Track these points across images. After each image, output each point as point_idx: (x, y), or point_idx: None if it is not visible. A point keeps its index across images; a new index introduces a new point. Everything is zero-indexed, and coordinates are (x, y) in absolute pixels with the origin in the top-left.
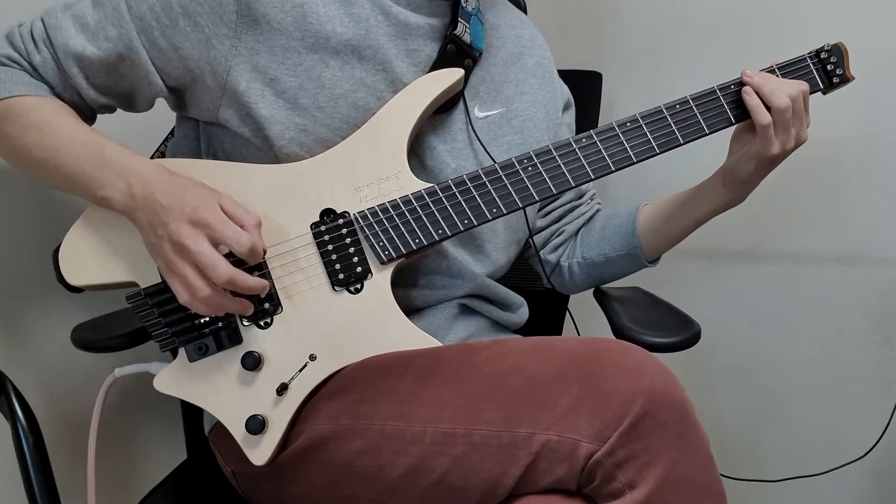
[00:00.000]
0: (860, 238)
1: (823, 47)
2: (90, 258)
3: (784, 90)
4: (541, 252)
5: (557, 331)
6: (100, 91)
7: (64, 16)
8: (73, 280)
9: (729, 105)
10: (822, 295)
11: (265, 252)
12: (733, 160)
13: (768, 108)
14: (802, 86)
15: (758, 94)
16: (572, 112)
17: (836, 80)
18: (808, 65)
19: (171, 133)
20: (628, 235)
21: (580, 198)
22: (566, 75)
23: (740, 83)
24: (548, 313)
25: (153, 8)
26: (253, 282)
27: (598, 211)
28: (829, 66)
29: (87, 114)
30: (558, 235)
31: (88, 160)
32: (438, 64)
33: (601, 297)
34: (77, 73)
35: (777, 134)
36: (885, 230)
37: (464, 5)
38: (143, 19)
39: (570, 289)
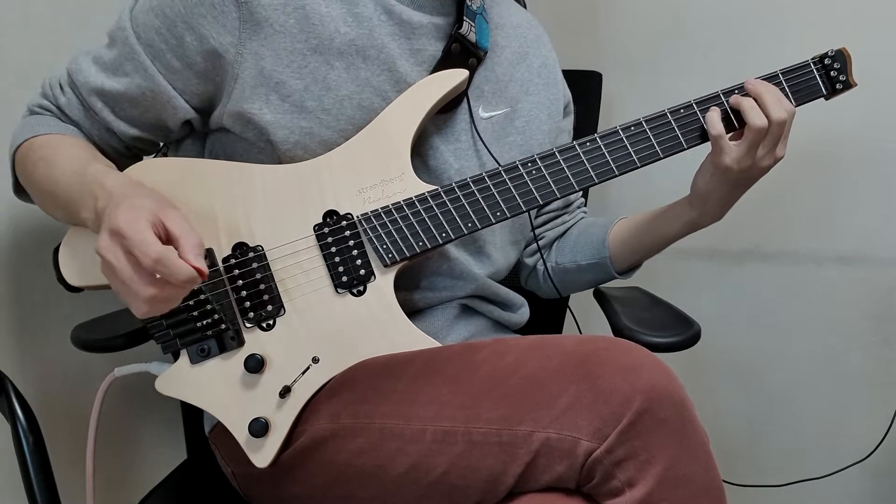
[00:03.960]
0: (860, 238)
1: (827, 53)
2: (89, 258)
3: (783, 105)
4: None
5: (558, 330)
6: (129, 123)
7: (85, 60)
8: (72, 280)
9: (734, 111)
10: (822, 295)
11: (204, 276)
12: (697, 174)
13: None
14: (792, 109)
15: (756, 102)
16: (571, 119)
17: (839, 86)
18: (812, 70)
19: None
20: (599, 245)
21: (567, 206)
22: (566, 75)
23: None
24: (548, 313)
25: (159, 31)
26: (185, 268)
27: (580, 220)
28: (832, 73)
29: (122, 152)
30: (539, 239)
31: (72, 186)
32: (443, 63)
33: (601, 297)
34: (102, 107)
35: (757, 146)
36: (886, 230)
37: (468, 4)
38: (153, 46)
39: (543, 293)
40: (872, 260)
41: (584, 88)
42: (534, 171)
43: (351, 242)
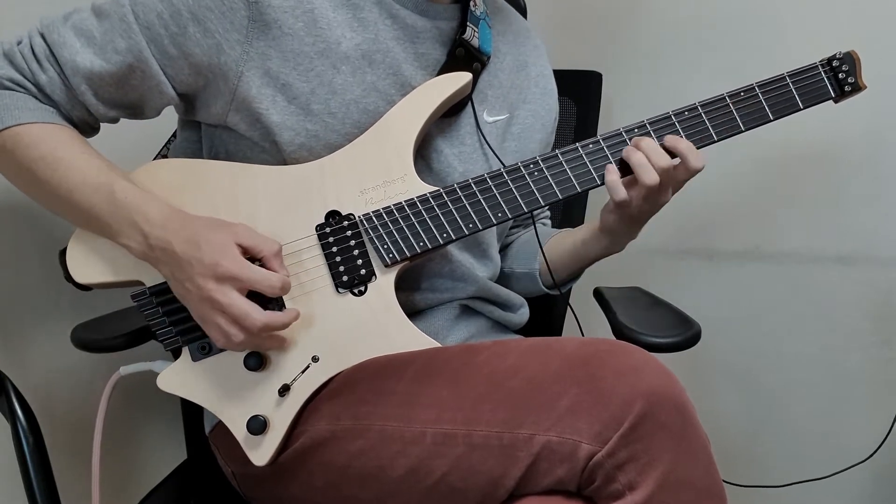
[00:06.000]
0: (860, 238)
1: (835, 55)
2: (96, 257)
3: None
4: None
5: (558, 331)
6: (109, 105)
7: (65, 28)
8: (80, 278)
9: (739, 114)
10: (822, 295)
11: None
12: (602, 210)
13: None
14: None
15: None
16: (553, 134)
17: (847, 88)
18: (820, 73)
19: (174, 136)
20: (531, 256)
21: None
22: (566, 75)
23: (750, 89)
24: (548, 314)
25: (161, 16)
26: (287, 319)
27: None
28: (840, 75)
29: (94, 126)
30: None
31: (101, 206)
32: (447, 67)
33: (601, 297)
34: (86, 90)
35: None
36: (886, 230)
37: (472, 9)
38: (151, 28)
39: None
40: (872, 260)
41: (584, 88)
42: (536, 173)
43: (352, 242)
